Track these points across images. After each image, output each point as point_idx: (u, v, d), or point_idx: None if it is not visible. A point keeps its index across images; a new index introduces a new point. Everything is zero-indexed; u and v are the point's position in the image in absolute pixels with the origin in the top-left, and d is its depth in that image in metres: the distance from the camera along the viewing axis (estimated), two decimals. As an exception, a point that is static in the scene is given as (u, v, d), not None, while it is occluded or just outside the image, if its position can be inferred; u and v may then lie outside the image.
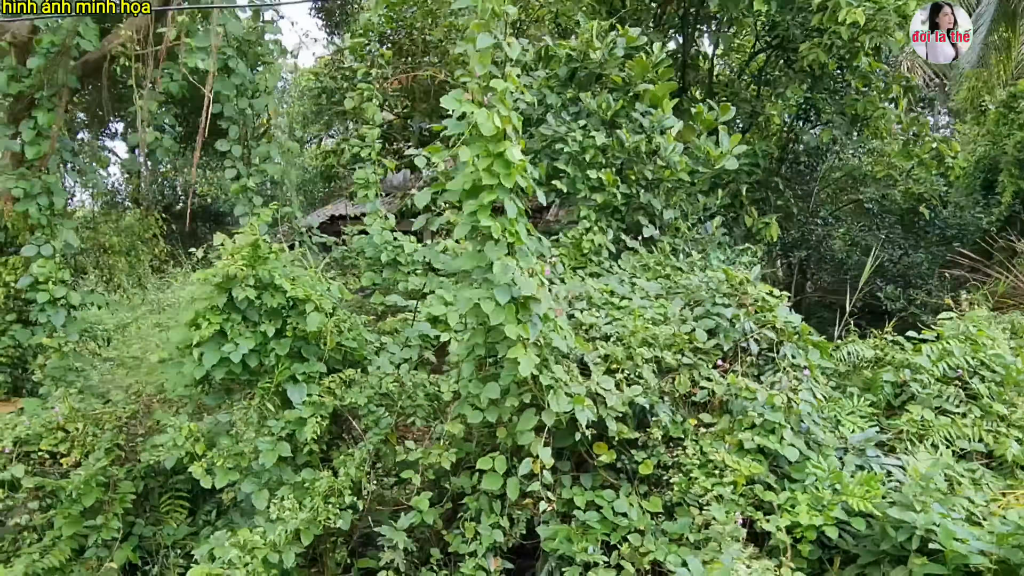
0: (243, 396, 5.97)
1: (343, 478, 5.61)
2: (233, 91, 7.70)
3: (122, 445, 6.81)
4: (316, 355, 5.97)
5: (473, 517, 5.77)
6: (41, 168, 7.22)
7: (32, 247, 7.35)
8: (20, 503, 6.47)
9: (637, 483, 5.76)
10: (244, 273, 5.61)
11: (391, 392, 5.87)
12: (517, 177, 4.64)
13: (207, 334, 5.57)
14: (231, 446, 5.77)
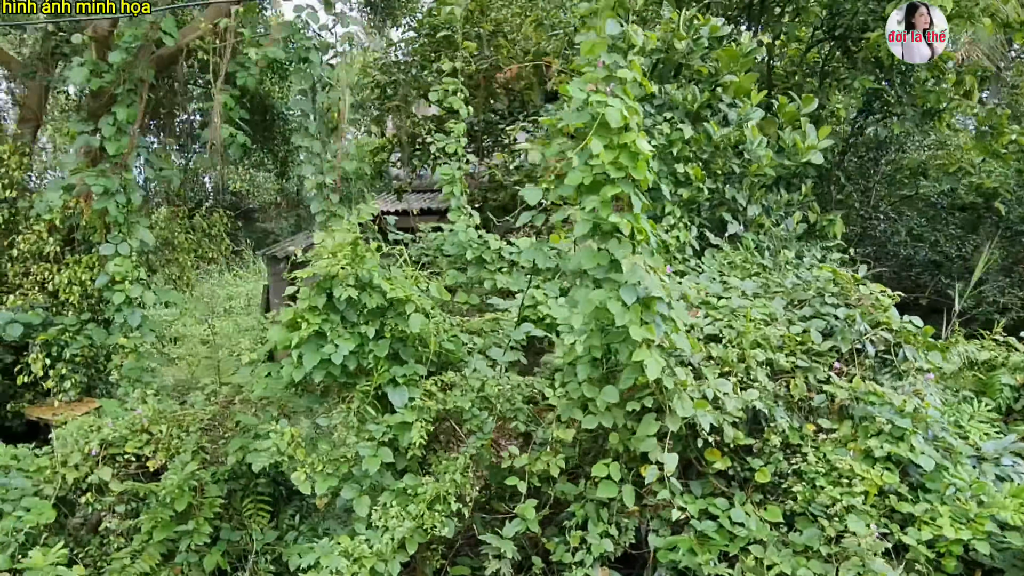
0: (340, 399, 5.79)
1: (448, 484, 5.42)
2: (311, 83, 7.53)
3: (205, 448, 6.68)
4: (414, 357, 5.78)
5: (579, 525, 5.56)
6: (120, 165, 7.09)
7: (109, 246, 7.23)
8: (107, 507, 6.36)
9: (751, 491, 5.52)
10: (344, 272, 5.43)
11: (492, 395, 5.67)
12: (645, 170, 4.40)
13: (306, 335, 5.39)
14: (330, 451, 5.60)
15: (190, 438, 6.68)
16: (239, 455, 6.43)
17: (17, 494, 6.06)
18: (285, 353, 5.81)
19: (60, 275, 7.72)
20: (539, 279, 7.04)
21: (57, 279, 7.69)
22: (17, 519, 5.73)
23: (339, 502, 5.89)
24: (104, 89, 6.93)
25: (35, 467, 6.33)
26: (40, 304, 7.82)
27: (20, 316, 7.47)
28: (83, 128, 7.10)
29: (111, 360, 8.32)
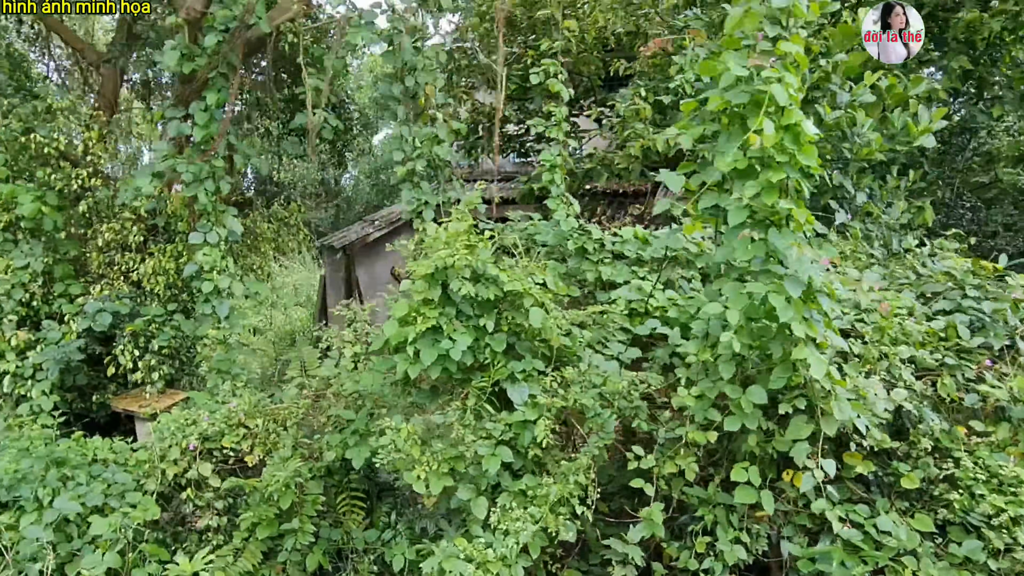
0: (453, 395, 5.54)
1: (572, 485, 5.15)
2: (400, 67, 7.26)
3: (301, 443, 6.50)
4: (530, 352, 5.50)
5: (706, 530, 5.26)
6: (211, 152, 6.89)
7: (198, 235, 7.05)
8: (207, 504, 6.20)
9: (894, 497, 5.16)
10: (461, 264, 5.15)
11: (613, 393, 5.37)
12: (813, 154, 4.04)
13: (423, 329, 5.14)
14: (445, 449, 5.35)
15: (287, 433, 6.50)
16: (338, 451, 6.24)
17: (119, 489, 5.92)
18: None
19: (145, 265, 7.58)
20: (644, 270, 6.72)
21: (143, 269, 7.55)
22: (123, 515, 5.58)
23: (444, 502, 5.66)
24: (196, 74, 6.73)
25: (134, 461, 6.20)
26: (126, 294, 7.69)
27: (108, 306, 7.35)
28: (174, 114, 6.91)
29: (194, 351, 8.20)
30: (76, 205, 7.77)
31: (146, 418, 7.57)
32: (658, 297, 6.33)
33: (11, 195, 7.11)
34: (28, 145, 7.35)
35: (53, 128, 7.47)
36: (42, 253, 7.41)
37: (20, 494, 5.56)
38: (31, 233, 7.47)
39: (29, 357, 7.14)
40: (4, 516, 5.52)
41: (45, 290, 7.49)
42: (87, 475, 5.90)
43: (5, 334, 7.13)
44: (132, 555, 5.53)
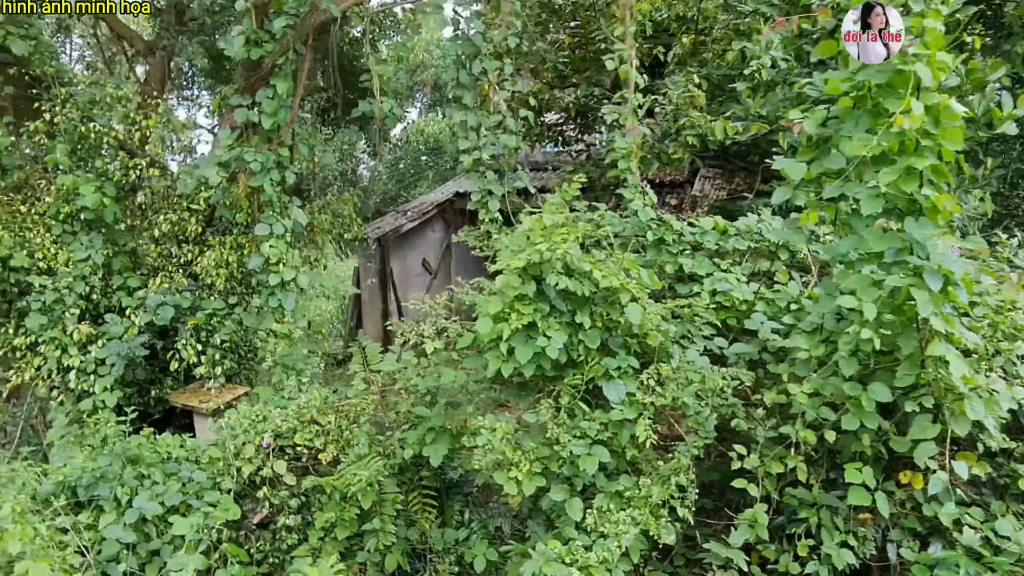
0: (544, 393, 5.35)
1: (673, 487, 4.96)
2: (470, 53, 7.03)
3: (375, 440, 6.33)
4: (624, 348, 5.29)
5: (808, 533, 5.06)
6: (277, 141, 6.70)
7: (264, 226, 6.87)
8: (282, 503, 6.05)
9: (1009, 500, 4.94)
10: (556, 257, 4.95)
11: (708, 390, 5.17)
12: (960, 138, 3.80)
13: (518, 326, 4.94)
14: (536, 449, 5.17)
15: (361, 430, 6.33)
16: (415, 448, 6.07)
17: (195, 488, 5.77)
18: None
19: (206, 257, 7.41)
20: (727, 262, 6.50)
21: (205, 261, 7.39)
22: (204, 515, 5.43)
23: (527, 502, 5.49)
24: (262, 60, 6.53)
25: (207, 459, 6.04)
26: (185, 287, 7.53)
27: (170, 299, 7.19)
28: (240, 101, 6.71)
29: (250, 345, 8.05)
30: (133, 196, 7.60)
31: (207, 413, 7.43)
32: (743, 291, 6.12)
33: (73, 186, 6.94)
34: (87, 134, 7.18)
35: (112, 117, 7.29)
36: (102, 245, 7.25)
37: (99, 493, 5.41)
38: (90, 225, 7.31)
39: (91, 351, 7.00)
40: (83, 515, 5.37)
41: (104, 283, 7.34)
42: (163, 473, 5.75)
43: (67, 328, 6.98)
44: (215, 556, 5.38)
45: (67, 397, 7.12)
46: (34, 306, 6.93)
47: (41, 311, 6.95)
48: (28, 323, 6.88)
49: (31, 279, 6.96)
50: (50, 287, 6.95)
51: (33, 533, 4.97)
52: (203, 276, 7.49)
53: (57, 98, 7.09)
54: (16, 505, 5.14)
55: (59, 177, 6.97)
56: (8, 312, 7.22)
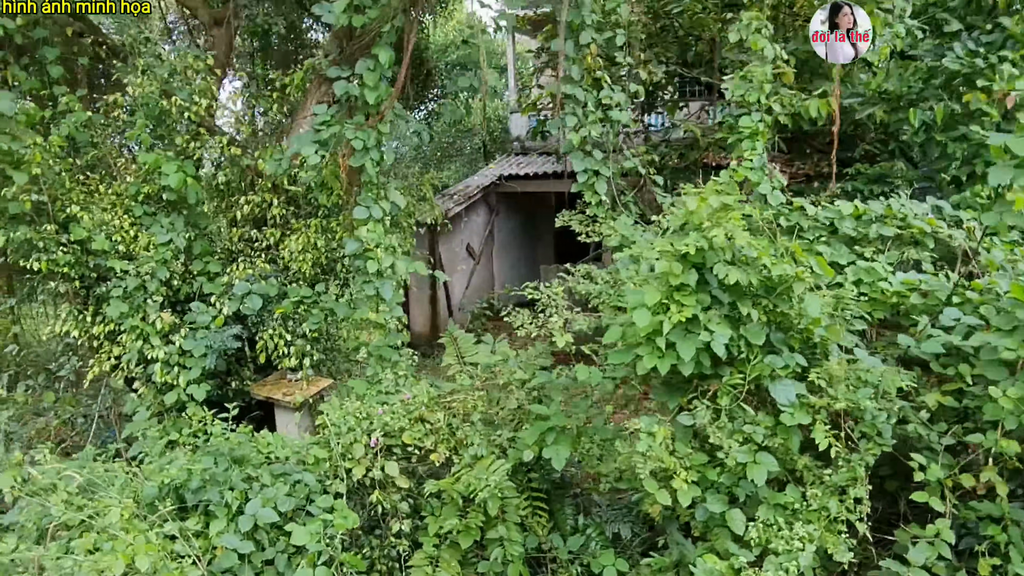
0: (698, 394, 4.87)
1: (850, 500, 4.50)
2: (576, 23, 6.50)
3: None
4: (787, 345, 4.81)
5: (991, 550, 4.59)
6: (379, 117, 6.20)
7: (362, 209, 6.39)
8: (393, 507, 5.62)
9: None
10: (724, 243, 4.45)
11: (887, 392, 4.68)
12: None
13: (681, 319, 4.46)
14: (693, 455, 4.71)
15: (473, 428, 5.88)
16: (535, 449, 5.63)
17: (304, 491, 5.34)
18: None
19: (293, 241, 6.94)
20: (870, 250, 5.99)
21: (292, 245, 6.92)
22: (324, 524, 5.00)
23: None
24: (367, 28, 6.01)
25: (313, 459, 5.61)
26: (269, 273, 7.08)
27: (257, 287, 6.74)
28: (339, 73, 6.21)
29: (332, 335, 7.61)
30: (213, 176, 7.13)
31: (292, 407, 7.00)
32: (892, 281, 5.61)
33: (155, 164, 6.48)
34: (168, 110, 6.70)
35: (192, 91, 6.80)
36: (184, 228, 6.79)
37: (208, 497, 4.99)
38: (171, 206, 6.85)
39: (175, 342, 6.56)
40: (190, 521, 4.95)
41: (185, 269, 6.89)
42: (270, 475, 5.32)
43: (149, 316, 6.54)
44: (333, 568, 4.96)
45: (148, 389, 6.69)
46: (115, 293, 6.49)
47: (122, 298, 6.50)
48: (108, 311, 6.45)
49: (111, 263, 6.52)
50: (132, 272, 6.50)
51: (144, 542, 4.56)
52: (289, 261, 7.03)
53: (137, 69, 6.60)
54: (123, 510, 4.73)
55: (140, 155, 6.50)
56: (86, 299, 6.78)
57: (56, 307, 8.56)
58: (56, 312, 6.92)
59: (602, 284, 6.15)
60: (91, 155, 6.71)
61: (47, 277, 6.55)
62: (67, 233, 6.43)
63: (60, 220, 6.39)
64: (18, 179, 5.91)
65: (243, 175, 7.21)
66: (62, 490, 5.05)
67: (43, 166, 6.02)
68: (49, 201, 6.24)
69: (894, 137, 10.18)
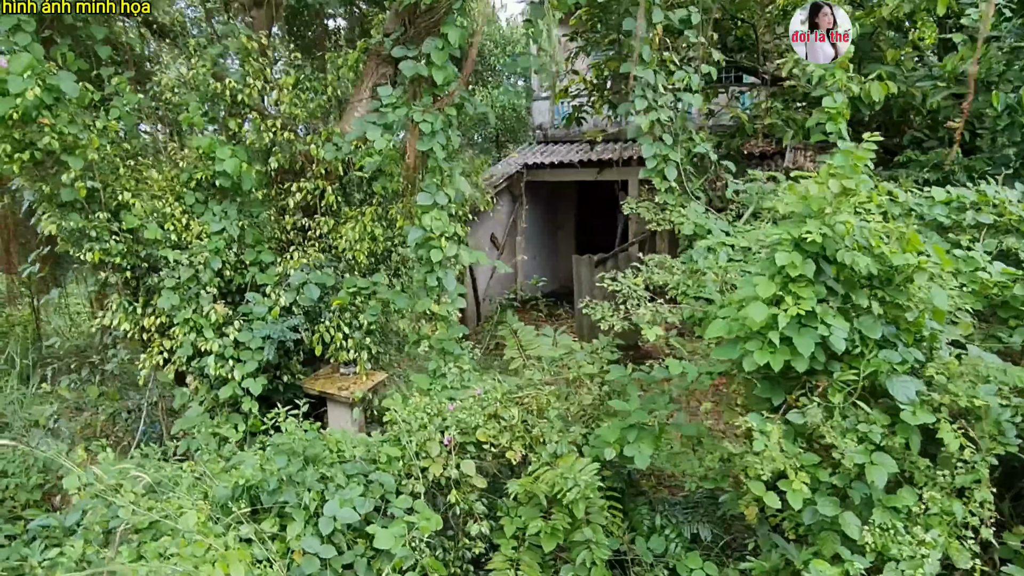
0: (806, 390, 4.61)
1: (974, 503, 4.24)
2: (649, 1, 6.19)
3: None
4: (899, 339, 4.54)
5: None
6: (448, 99, 5.91)
7: (427, 195, 6.11)
8: (469, 508, 5.36)
9: None
10: (846, 230, 4.18)
11: (1013, 388, 4.42)
12: None
13: (799, 312, 4.18)
14: (802, 455, 4.45)
15: (549, 425, 5.63)
16: (617, 447, 5.37)
17: (378, 491, 5.08)
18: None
19: (349, 229, 6.66)
20: (965, 237, 5.71)
21: (350, 234, 6.64)
22: (407, 526, 4.74)
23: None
24: (434, 6, 5.71)
25: (385, 457, 5.34)
26: (323, 262, 6.80)
27: (314, 276, 6.46)
28: (405, 53, 5.91)
29: (385, 326, 7.34)
30: (265, 161, 6.84)
31: (348, 401, 6.74)
32: (992, 271, 5.34)
33: (209, 149, 6.18)
34: (222, 93, 6.40)
35: (245, 73, 6.51)
36: (237, 216, 6.51)
37: (285, 499, 4.73)
38: (223, 193, 6.56)
39: (228, 334, 6.29)
40: (266, 524, 4.69)
41: (237, 258, 6.61)
42: (343, 474, 5.06)
43: (203, 308, 6.27)
44: (417, 572, 4.70)
45: (201, 384, 6.42)
46: (168, 284, 6.21)
47: (175, 289, 6.23)
48: (160, 302, 6.17)
49: (163, 253, 6.24)
50: (184, 262, 6.22)
51: (223, 546, 4.30)
52: (346, 250, 6.74)
53: (189, 49, 6.30)
54: (199, 512, 4.47)
55: (193, 139, 6.21)
56: (135, 290, 6.50)
57: (92, 299, 8.30)
58: (102, 304, 6.64)
59: (680, 275, 5.88)
60: (141, 140, 6.41)
61: (96, 267, 6.26)
62: (118, 221, 6.14)
63: (111, 208, 6.10)
64: (73, 164, 5.62)
65: (294, 161, 6.92)
66: (128, 491, 4.79)
67: (99, 151, 5.73)
68: (100, 188, 5.94)
69: (942, 124, 9.88)
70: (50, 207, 5.99)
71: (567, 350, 6.84)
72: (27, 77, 5.15)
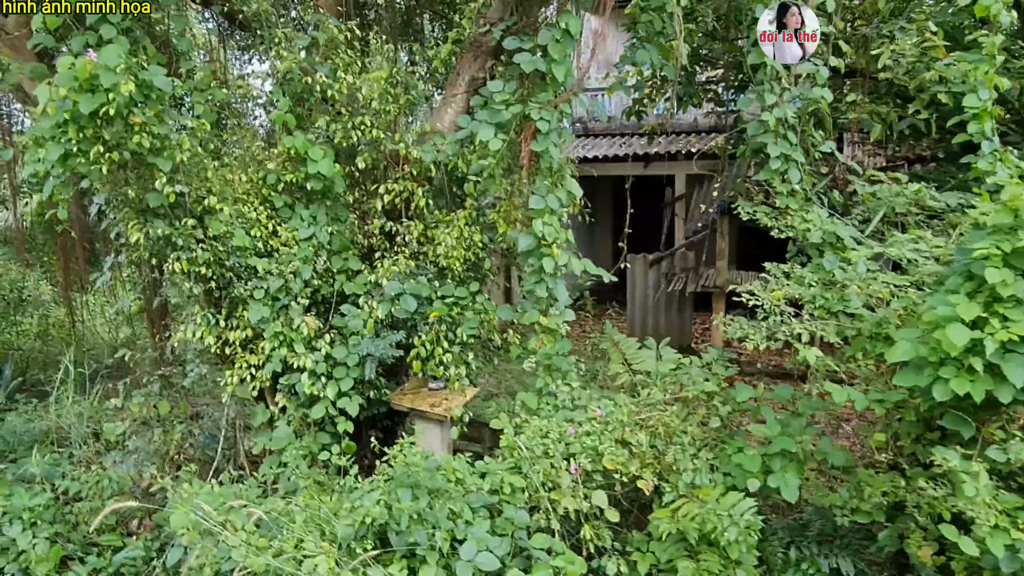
0: (1003, 422, 4.13)
1: None
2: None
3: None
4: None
5: None
6: (569, 95, 5.43)
7: (538, 198, 5.63)
8: (602, 544, 4.91)
9: None
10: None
11: None
12: None
13: (1011, 336, 3.70)
14: (1005, 497, 3.98)
15: (684, 452, 5.16)
16: (760, 477, 4.92)
17: (506, 526, 4.63)
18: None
19: (447, 234, 6.19)
20: None
21: (448, 239, 6.17)
22: (551, 571, 4.29)
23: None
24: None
25: (509, 488, 4.89)
26: (415, 271, 6.34)
27: (409, 286, 6.00)
28: (518, 45, 5.42)
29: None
30: (351, 161, 6.38)
31: (439, 419, 6.29)
32: None
33: (303, 149, 5.72)
34: (312, 88, 5.93)
35: (335, 67, 6.03)
36: (327, 221, 6.05)
37: (415, 540, 4.28)
38: (311, 196, 6.11)
39: (319, 348, 5.84)
40: (394, 567, 4.25)
41: (325, 266, 6.15)
42: (468, 508, 4.62)
43: (293, 321, 5.82)
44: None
45: (289, 402, 5.98)
46: (257, 295, 5.76)
47: (264, 301, 5.78)
48: (250, 315, 5.72)
49: (251, 262, 5.79)
50: (275, 272, 5.77)
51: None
52: (440, 257, 6.28)
53: (276, 40, 5.83)
54: (327, 557, 4.04)
55: (284, 138, 5.74)
56: (218, 302, 6.06)
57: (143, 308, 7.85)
58: (160, 315, 6.19)
59: (817, 287, 5.39)
60: (223, 139, 5.95)
61: (178, 278, 5.82)
62: (202, 228, 5.69)
63: (195, 213, 5.65)
64: (163, 166, 5.16)
65: (378, 161, 6.45)
66: (239, 527, 4.36)
67: (189, 151, 5.27)
68: (186, 192, 5.49)
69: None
70: (131, 213, 5.53)
71: (674, 364, 6.38)
72: (120, 71, 4.68)
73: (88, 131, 4.90)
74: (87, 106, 4.70)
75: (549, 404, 5.71)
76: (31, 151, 5.03)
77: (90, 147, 4.93)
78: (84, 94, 4.74)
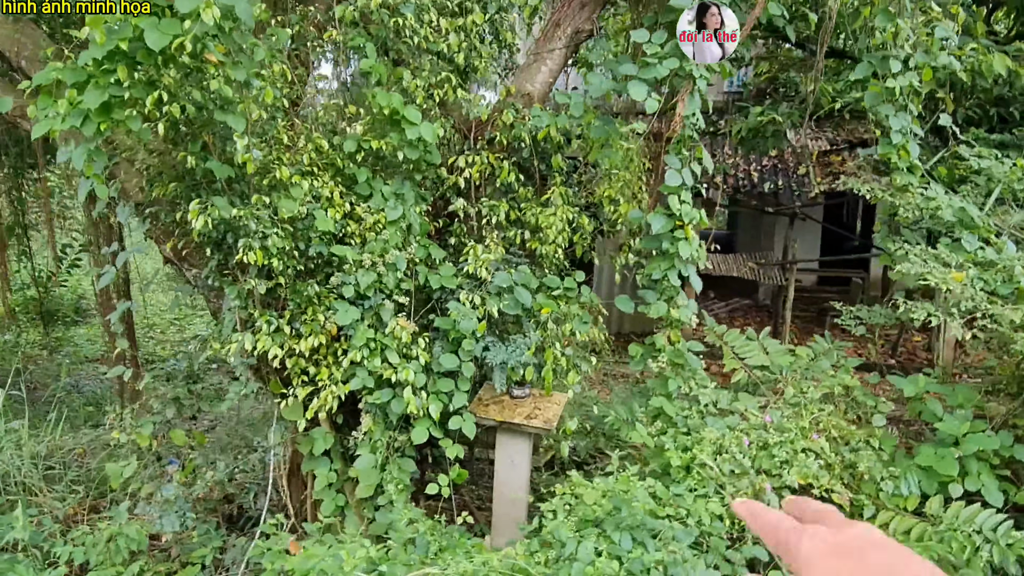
0: None
1: None
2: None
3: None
4: None
5: None
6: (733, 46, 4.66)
7: (674, 172, 4.85)
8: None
9: None
10: None
11: None
12: None
13: None
14: None
15: (873, 457, 4.60)
16: (958, 481, 4.46)
17: (682, 550, 3.85)
18: None
19: (552, 217, 5.26)
20: None
21: (555, 221, 5.23)
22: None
23: None
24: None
25: (708, 517, 4.10)
26: (516, 259, 5.37)
27: (518, 277, 5.03)
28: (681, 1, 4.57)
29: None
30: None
31: (530, 431, 5.37)
32: None
33: (396, 110, 4.57)
34: (399, 32, 4.77)
35: (420, 7, 4.90)
36: (414, 200, 4.94)
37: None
38: (393, 169, 4.96)
39: (418, 356, 4.76)
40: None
41: (413, 256, 5.03)
42: (649, 534, 3.79)
43: (384, 320, 4.68)
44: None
45: (376, 424, 4.84)
46: (346, 293, 4.56)
47: (353, 300, 4.60)
48: (338, 318, 4.51)
49: (336, 250, 4.58)
50: (367, 263, 4.60)
51: None
52: (537, 243, 5.33)
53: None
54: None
55: (377, 94, 4.56)
56: (280, 302, 4.78)
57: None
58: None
59: (975, 269, 5.00)
60: (296, 94, 4.66)
61: (239, 273, 4.50)
62: (268, 208, 4.42)
63: (262, 189, 4.36)
64: (236, 125, 3.87)
65: (459, 127, 5.40)
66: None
67: (271, 106, 4.00)
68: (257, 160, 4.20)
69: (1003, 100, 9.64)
70: (182, 189, 4.17)
71: (786, 354, 5.84)
72: (201, -9, 3.39)
73: (144, 72, 3.54)
74: (156, 38, 3.36)
75: (692, 409, 4.97)
76: (43, 99, 3.59)
77: (144, 94, 3.57)
78: (150, 18, 3.39)
